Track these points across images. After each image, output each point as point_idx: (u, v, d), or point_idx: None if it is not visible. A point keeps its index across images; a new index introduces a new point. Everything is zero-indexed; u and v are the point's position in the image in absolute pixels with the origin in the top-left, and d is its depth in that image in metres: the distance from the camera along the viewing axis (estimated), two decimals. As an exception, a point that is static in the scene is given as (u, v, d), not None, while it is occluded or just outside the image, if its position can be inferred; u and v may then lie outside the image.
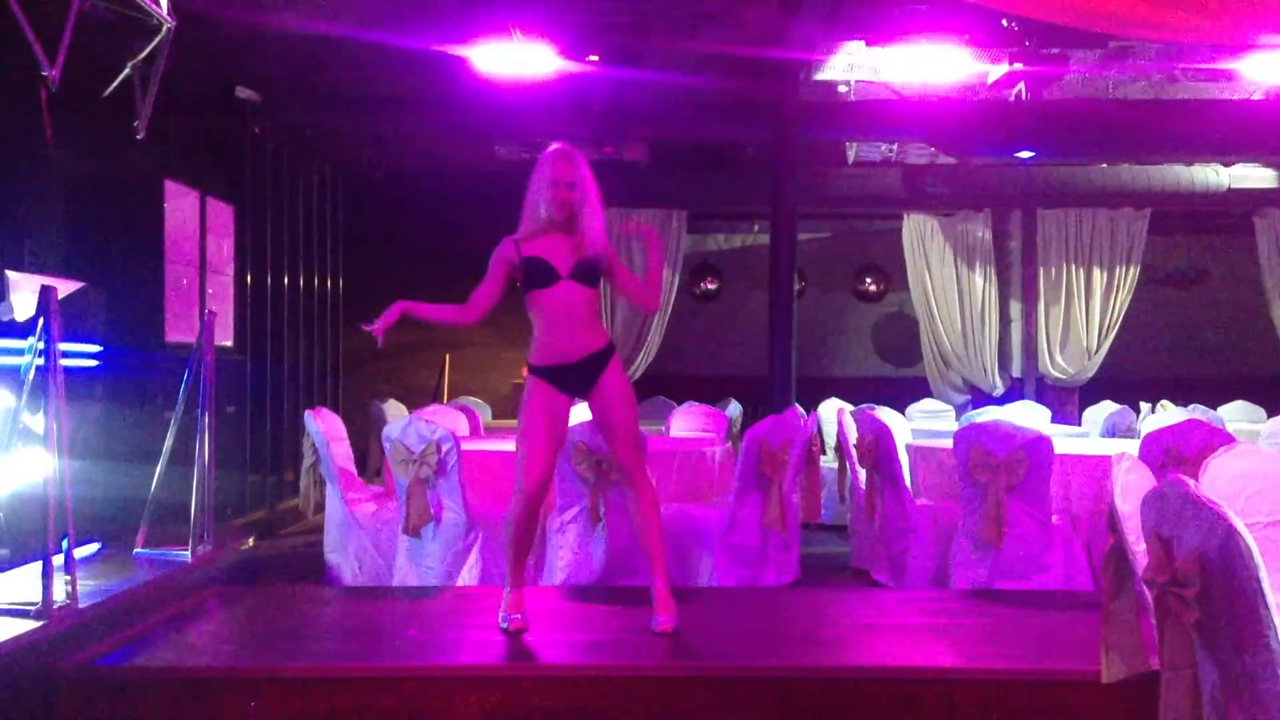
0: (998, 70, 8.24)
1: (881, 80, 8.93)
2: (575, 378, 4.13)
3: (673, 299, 11.30)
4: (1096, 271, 11.66)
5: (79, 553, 4.22)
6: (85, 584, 4.12)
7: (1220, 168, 10.91)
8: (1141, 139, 9.56)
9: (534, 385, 4.15)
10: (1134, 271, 11.66)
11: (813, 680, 3.68)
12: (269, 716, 3.57)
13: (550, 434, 4.14)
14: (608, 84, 8.58)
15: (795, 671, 3.73)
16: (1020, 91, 8.67)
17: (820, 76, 8.86)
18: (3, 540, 4.29)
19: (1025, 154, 9.42)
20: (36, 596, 3.74)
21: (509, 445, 6.08)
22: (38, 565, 3.81)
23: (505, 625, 4.13)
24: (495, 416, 9.73)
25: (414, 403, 9.28)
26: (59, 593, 3.80)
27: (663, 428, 8.04)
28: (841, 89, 9.28)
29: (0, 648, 3.37)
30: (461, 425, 7.57)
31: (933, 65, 8.19)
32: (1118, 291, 11.68)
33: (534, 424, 4.11)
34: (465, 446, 5.55)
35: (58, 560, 3.81)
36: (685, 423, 7.98)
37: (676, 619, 4.05)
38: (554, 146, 4.21)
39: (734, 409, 9.09)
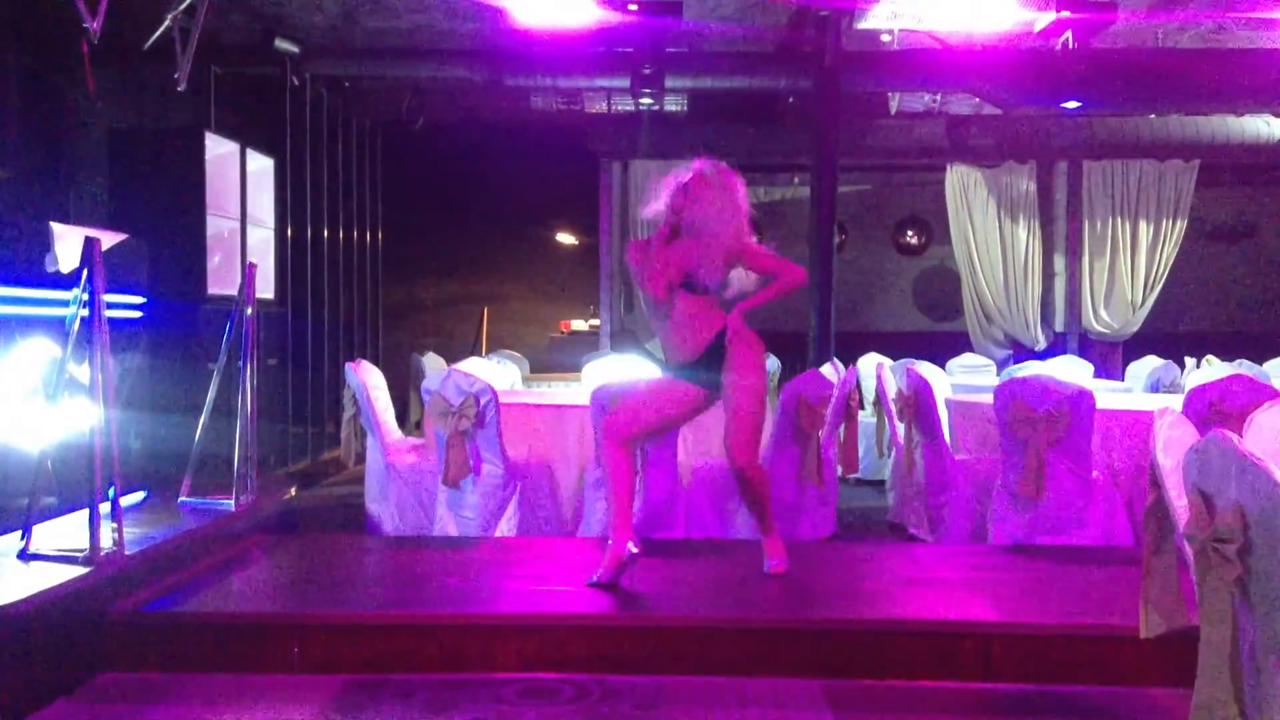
0: (1044, 18, 8.07)
1: (925, 29, 8.78)
2: (697, 373, 4.24)
3: (711, 252, 11.24)
4: (1143, 224, 11.49)
5: (125, 501, 4.29)
6: (131, 531, 4.20)
7: (1271, 118, 10.67)
8: (1190, 89, 9.36)
9: (672, 381, 4.32)
10: (1181, 225, 11.48)
11: (850, 632, 3.69)
12: (312, 662, 3.63)
13: (667, 406, 4.30)
14: (647, 33, 8.48)
15: (832, 624, 3.74)
16: (1067, 40, 8.49)
17: (862, 25, 8.72)
18: (51, 488, 4.37)
19: (1071, 104, 9.24)
20: (84, 543, 3.81)
21: (547, 399, 6.12)
22: (85, 513, 3.88)
23: (591, 579, 4.19)
24: (533, 370, 9.77)
25: (453, 355, 9.33)
26: (106, 539, 3.87)
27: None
28: (884, 38, 9.13)
29: (49, 593, 3.45)
30: (500, 378, 7.61)
31: (978, 13, 8.03)
32: (1164, 245, 11.50)
33: (660, 394, 4.32)
34: (504, 400, 5.58)
35: (104, 508, 3.87)
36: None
37: (787, 565, 4.38)
38: (691, 168, 4.30)
39: (772, 363, 9.06)
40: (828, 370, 6.48)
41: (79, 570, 3.67)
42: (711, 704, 3.36)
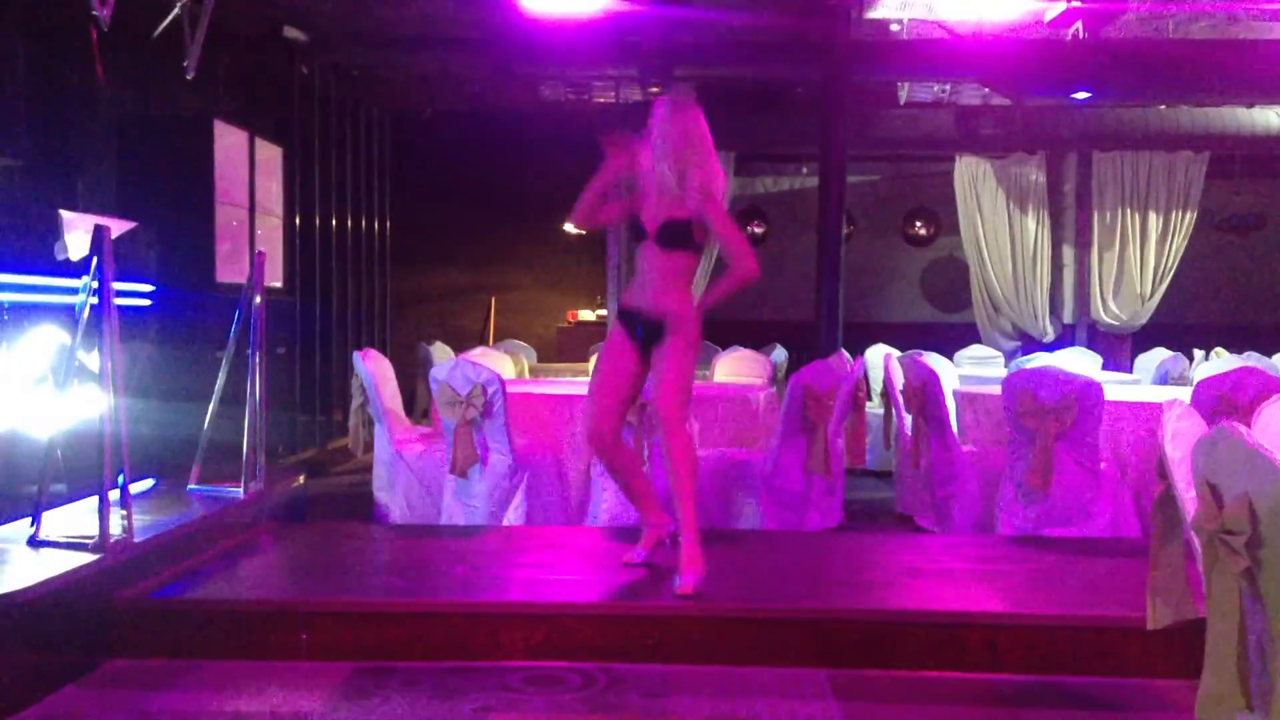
0: (1055, 8, 8.03)
1: (935, 18, 8.75)
2: (642, 330, 4.16)
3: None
4: (1152, 216, 11.45)
5: (134, 488, 4.30)
6: (140, 519, 4.21)
7: (1282, 109, 10.63)
8: (1201, 80, 9.32)
9: (612, 325, 4.35)
10: (1191, 216, 11.44)
11: (856, 622, 3.69)
12: (320, 649, 3.64)
13: (608, 375, 4.24)
14: (655, 22, 8.47)
15: (838, 614, 3.74)
16: (1078, 30, 8.45)
17: (872, 15, 8.70)
18: (60, 476, 4.38)
19: (1082, 95, 9.22)
20: (93, 530, 3.83)
21: (554, 388, 6.12)
22: (94, 500, 3.89)
23: (625, 559, 4.28)
24: (540, 360, 9.77)
25: (460, 345, 9.34)
26: (115, 527, 3.88)
27: (708, 372, 8.03)
28: (894, 27, 9.11)
29: (59, 579, 3.46)
30: (507, 368, 7.62)
31: (988, 3, 8.00)
32: (1174, 236, 11.46)
33: (598, 362, 4.33)
34: (511, 389, 5.58)
35: (114, 495, 3.88)
36: (730, 367, 7.97)
37: (699, 581, 3.85)
38: (662, 98, 4.30)
39: (779, 354, 9.06)
40: (835, 361, 6.48)
41: (88, 557, 3.68)
42: (717, 693, 3.37)
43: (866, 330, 10.64)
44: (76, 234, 3.93)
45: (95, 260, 3.91)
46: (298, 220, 9.04)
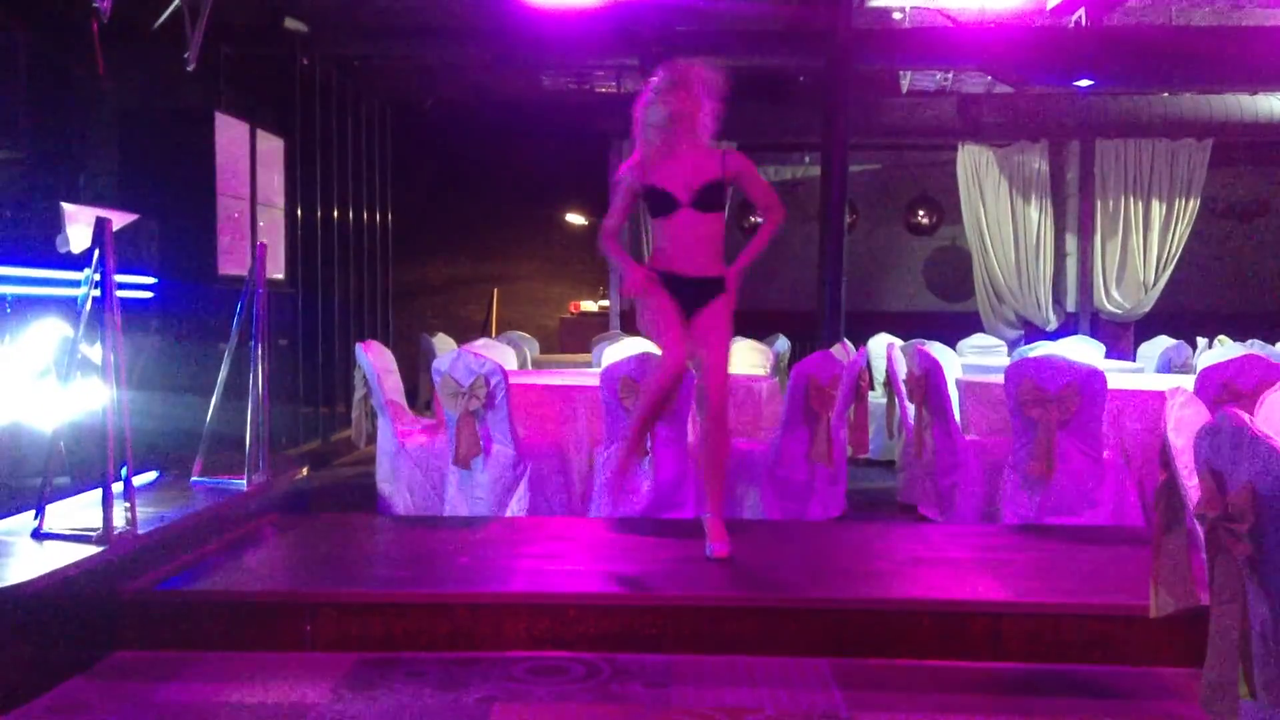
0: (1057, -4, 8.03)
1: (937, 6, 8.74)
2: (688, 293, 4.25)
3: (721, 232, 11.22)
4: (1155, 204, 11.43)
5: (138, 481, 4.31)
6: (144, 511, 4.21)
7: (1285, 96, 10.60)
8: (1204, 67, 9.30)
9: (649, 282, 4.27)
10: (1194, 204, 11.42)
11: (859, 612, 3.70)
12: (324, 640, 3.65)
13: (672, 314, 4.25)
14: (656, 11, 8.46)
15: (841, 603, 3.75)
16: (1080, 18, 8.44)
17: (874, 3, 8.69)
18: (64, 468, 4.39)
19: (1084, 83, 9.19)
20: (97, 523, 3.83)
21: (557, 379, 6.12)
22: (98, 492, 3.90)
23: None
24: (543, 351, 9.77)
25: (463, 336, 9.34)
26: (119, 519, 3.88)
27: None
28: (896, 16, 9.09)
29: (63, 572, 3.46)
30: (510, 359, 7.62)
31: (990, -9, 7.98)
32: (1176, 224, 11.45)
33: (663, 309, 4.25)
34: (513, 380, 5.58)
35: (117, 488, 3.89)
36: (732, 357, 7.95)
37: (729, 548, 4.25)
38: (661, 72, 4.29)
39: (782, 344, 9.05)
40: (838, 351, 6.49)
41: (92, 549, 3.69)
42: (721, 683, 3.37)
43: (869, 320, 10.64)
44: (78, 226, 3.93)
45: (97, 252, 3.91)
46: (299, 212, 9.04)
